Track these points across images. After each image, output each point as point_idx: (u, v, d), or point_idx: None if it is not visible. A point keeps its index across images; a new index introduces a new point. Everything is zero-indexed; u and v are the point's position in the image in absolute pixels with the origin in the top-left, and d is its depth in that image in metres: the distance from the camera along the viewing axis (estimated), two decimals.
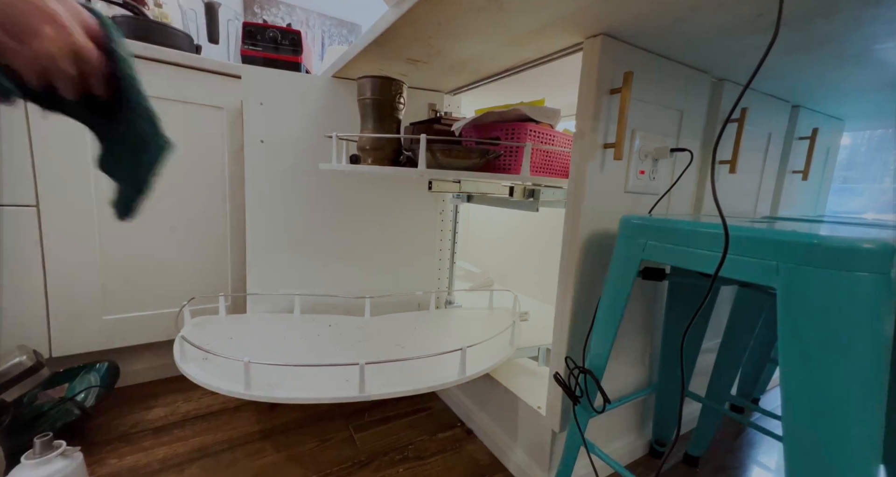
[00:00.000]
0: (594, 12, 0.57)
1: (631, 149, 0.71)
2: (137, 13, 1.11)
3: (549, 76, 0.92)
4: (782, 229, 0.45)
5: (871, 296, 0.38)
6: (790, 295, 0.42)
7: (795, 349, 0.41)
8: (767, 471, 0.90)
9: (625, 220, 0.62)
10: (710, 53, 0.70)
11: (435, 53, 0.81)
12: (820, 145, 1.09)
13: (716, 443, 0.98)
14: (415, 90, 1.11)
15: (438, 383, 0.71)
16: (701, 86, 0.80)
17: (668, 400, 0.87)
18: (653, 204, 0.77)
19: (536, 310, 1.28)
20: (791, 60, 0.71)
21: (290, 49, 1.23)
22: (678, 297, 0.83)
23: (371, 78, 0.79)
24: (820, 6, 0.52)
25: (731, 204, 0.95)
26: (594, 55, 0.64)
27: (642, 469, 0.88)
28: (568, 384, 0.69)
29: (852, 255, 0.38)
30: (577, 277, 0.70)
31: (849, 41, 0.62)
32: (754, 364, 1.08)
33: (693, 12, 0.55)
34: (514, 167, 0.78)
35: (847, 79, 0.80)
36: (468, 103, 1.26)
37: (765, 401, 1.19)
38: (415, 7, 0.60)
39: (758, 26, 0.58)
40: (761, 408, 0.92)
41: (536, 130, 0.77)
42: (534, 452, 0.81)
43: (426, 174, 0.77)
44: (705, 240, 0.51)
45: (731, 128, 0.83)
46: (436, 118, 0.92)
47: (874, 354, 0.39)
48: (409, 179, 1.16)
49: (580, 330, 0.73)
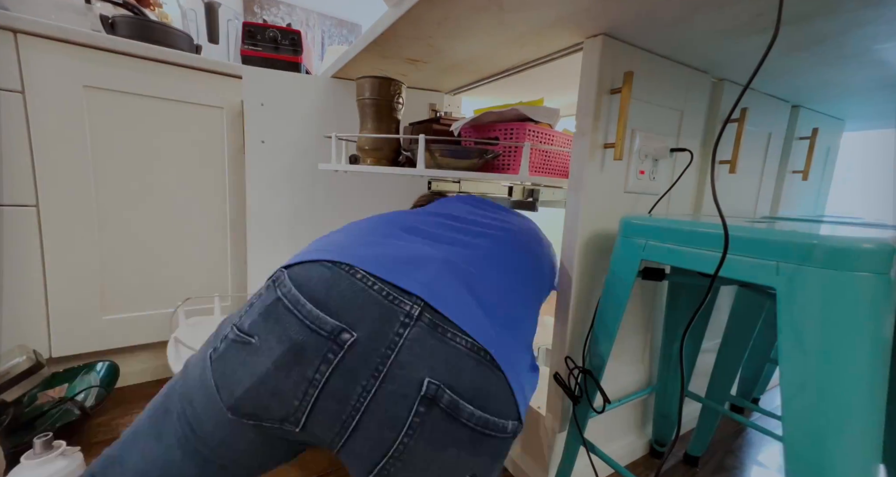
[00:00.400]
0: (594, 12, 0.57)
1: (631, 149, 0.71)
2: (137, 13, 1.11)
3: (548, 76, 0.92)
4: (782, 229, 0.45)
5: (871, 296, 0.38)
6: (790, 295, 0.42)
7: (795, 349, 0.41)
8: (767, 471, 0.90)
9: (625, 221, 0.62)
10: (710, 53, 0.70)
11: (435, 53, 0.81)
12: (820, 145, 1.09)
13: (716, 443, 0.98)
14: (414, 90, 1.11)
15: None
16: (701, 86, 0.80)
17: (667, 400, 0.87)
18: (653, 204, 0.77)
19: None
20: (791, 60, 0.71)
21: (290, 49, 1.23)
22: (678, 297, 0.83)
23: (370, 78, 0.79)
24: (820, 6, 0.52)
25: (731, 204, 0.95)
26: (594, 55, 0.64)
27: (642, 469, 0.88)
28: (568, 384, 0.69)
29: (852, 255, 0.38)
30: (577, 277, 0.70)
31: (849, 41, 0.62)
32: (754, 364, 1.08)
33: (693, 12, 0.55)
34: (512, 167, 0.78)
35: (847, 79, 0.80)
36: (468, 103, 1.26)
37: (765, 401, 1.19)
38: (415, 7, 0.60)
39: (758, 26, 0.58)
40: (761, 408, 0.92)
41: (535, 130, 0.77)
42: (534, 452, 0.81)
43: (425, 174, 0.77)
44: (705, 240, 0.51)
45: (731, 128, 0.83)
46: (435, 118, 0.92)
47: (874, 354, 0.39)
48: (408, 179, 1.16)
49: (580, 330, 0.73)
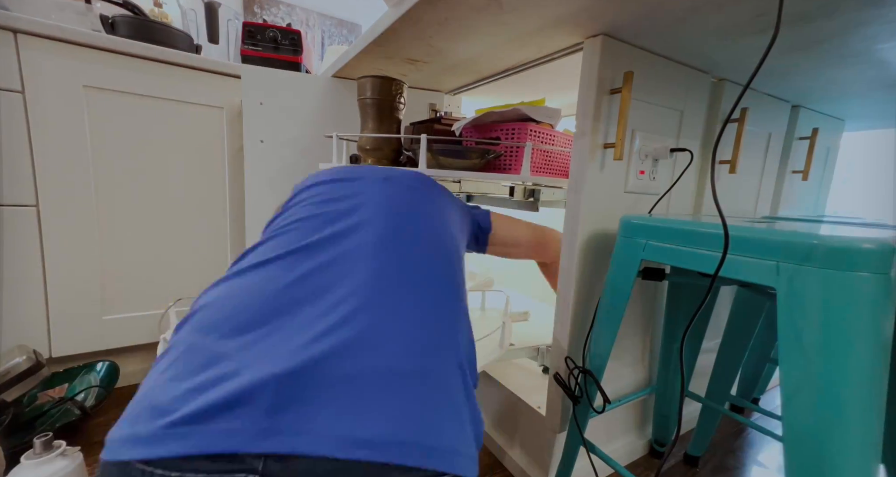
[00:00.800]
0: (594, 12, 0.57)
1: (631, 149, 0.71)
2: (137, 13, 1.11)
3: (549, 76, 0.92)
4: (782, 229, 0.45)
5: (871, 296, 0.38)
6: (790, 295, 0.42)
7: (795, 349, 0.41)
8: (767, 471, 0.90)
9: (625, 221, 0.62)
10: (710, 53, 0.70)
11: (435, 53, 0.81)
12: (820, 145, 1.08)
13: (716, 443, 0.98)
14: (415, 90, 1.11)
15: None
16: (701, 86, 0.80)
17: (667, 400, 0.87)
18: (653, 204, 0.77)
19: (536, 310, 1.28)
20: (791, 60, 0.71)
21: (290, 49, 1.23)
22: (678, 297, 0.83)
23: (371, 78, 0.79)
24: (820, 6, 0.52)
25: (731, 204, 0.95)
26: (594, 55, 0.64)
27: (642, 469, 0.88)
28: (568, 384, 0.69)
29: (852, 255, 0.38)
30: (577, 277, 0.70)
31: (849, 41, 0.62)
32: (754, 364, 1.08)
33: (693, 12, 0.55)
34: (514, 167, 0.78)
35: (847, 79, 0.80)
36: (468, 103, 1.26)
37: (765, 401, 1.19)
38: (415, 7, 0.60)
39: (758, 26, 0.58)
40: (761, 408, 0.92)
41: (537, 130, 0.77)
42: (534, 452, 0.81)
43: (426, 174, 0.77)
44: (705, 240, 0.51)
45: (731, 128, 0.83)
46: (436, 118, 0.92)
47: (874, 354, 0.39)
48: None
49: (580, 330, 0.73)
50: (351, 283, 0.39)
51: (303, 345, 0.33)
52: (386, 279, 0.40)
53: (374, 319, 0.37)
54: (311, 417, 0.30)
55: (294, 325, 0.35)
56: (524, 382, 0.90)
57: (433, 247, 0.47)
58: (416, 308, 0.40)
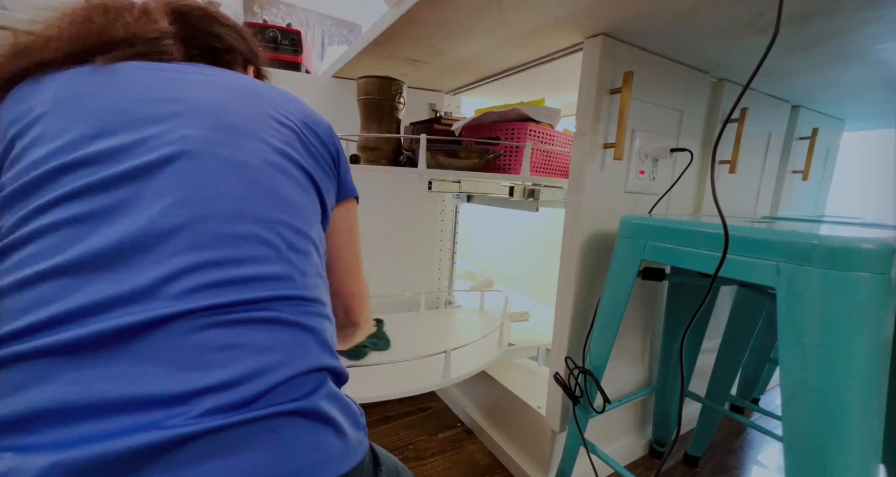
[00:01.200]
0: (594, 12, 0.57)
1: (631, 149, 0.71)
2: None
3: (549, 76, 0.92)
4: (782, 229, 0.45)
5: (871, 296, 0.38)
6: (790, 295, 0.42)
7: (795, 349, 0.41)
8: (767, 471, 0.90)
9: (625, 221, 0.62)
10: (710, 53, 0.70)
11: (435, 53, 0.81)
12: (820, 145, 1.08)
13: (716, 443, 0.98)
14: (415, 90, 1.11)
15: (416, 388, 0.70)
16: (701, 86, 0.80)
17: (667, 400, 0.87)
18: (653, 204, 0.77)
19: (536, 310, 1.28)
20: (791, 60, 0.71)
21: (290, 49, 1.23)
22: (678, 297, 0.83)
23: (371, 78, 0.79)
24: (820, 6, 0.52)
25: (731, 204, 0.94)
26: (594, 55, 0.64)
27: (642, 469, 0.88)
28: (568, 384, 0.69)
29: (852, 255, 0.38)
30: (577, 277, 0.70)
31: (849, 41, 0.62)
32: (754, 364, 1.08)
33: (693, 13, 0.55)
34: (514, 167, 0.78)
35: (847, 79, 0.80)
36: (468, 103, 1.26)
37: (765, 401, 1.19)
38: (415, 7, 0.60)
39: (758, 26, 0.58)
40: (761, 408, 0.92)
41: (536, 130, 0.77)
42: (534, 452, 0.81)
43: (426, 174, 0.77)
44: (705, 240, 0.51)
45: (731, 128, 0.83)
46: (436, 118, 0.92)
47: (874, 354, 0.39)
48: (408, 179, 1.16)
49: (580, 330, 0.73)
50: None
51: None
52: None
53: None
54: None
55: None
56: (524, 382, 0.90)
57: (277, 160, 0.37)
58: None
